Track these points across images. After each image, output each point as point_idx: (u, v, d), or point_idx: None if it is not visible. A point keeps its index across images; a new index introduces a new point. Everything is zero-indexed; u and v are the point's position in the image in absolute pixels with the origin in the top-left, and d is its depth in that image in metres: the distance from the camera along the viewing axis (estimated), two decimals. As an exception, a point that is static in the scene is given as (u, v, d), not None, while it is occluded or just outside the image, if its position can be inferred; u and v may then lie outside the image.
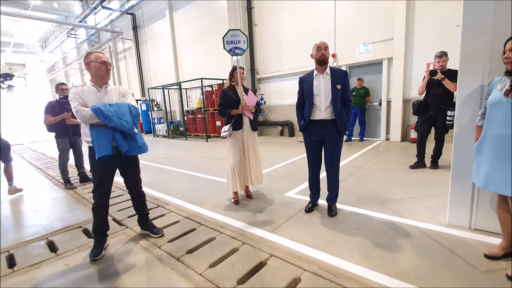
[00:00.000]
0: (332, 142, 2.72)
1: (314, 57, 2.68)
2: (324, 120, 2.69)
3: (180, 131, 11.43)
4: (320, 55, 2.62)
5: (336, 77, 2.66)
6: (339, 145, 2.77)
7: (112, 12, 14.69)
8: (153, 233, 2.54)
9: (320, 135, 2.74)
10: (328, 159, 2.78)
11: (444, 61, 4.00)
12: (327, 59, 2.65)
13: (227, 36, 3.03)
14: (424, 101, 4.19)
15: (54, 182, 4.83)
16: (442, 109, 4.00)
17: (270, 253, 2.14)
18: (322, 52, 2.62)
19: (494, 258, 1.90)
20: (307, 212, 2.90)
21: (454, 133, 2.34)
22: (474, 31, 2.14)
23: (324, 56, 2.62)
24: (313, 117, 2.73)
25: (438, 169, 4.21)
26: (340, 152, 2.80)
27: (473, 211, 2.30)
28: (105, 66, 2.20)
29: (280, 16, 8.77)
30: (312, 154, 2.87)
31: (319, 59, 2.64)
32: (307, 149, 2.89)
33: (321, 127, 2.71)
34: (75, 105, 2.06)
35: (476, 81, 2.17)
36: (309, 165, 2.93)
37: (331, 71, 2.69)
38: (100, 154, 2.02)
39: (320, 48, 2.63)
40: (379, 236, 2.33)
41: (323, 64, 2.66)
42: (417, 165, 4.34)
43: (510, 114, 1.66)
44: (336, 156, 2.77)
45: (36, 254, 2.36)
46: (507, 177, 1.68)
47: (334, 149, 2.74)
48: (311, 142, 2.82)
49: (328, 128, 2.69)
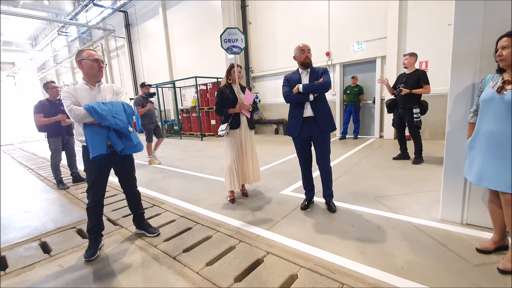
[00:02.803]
0: (320, 139, 2.76)
1: (298, 59, 2.69)
2: (309, 117, 2.70)
3: (174, 130, 11.36)
4: (304, 58, 2.64)
5: (314, 73, 2.69)
6: (327, 141, 2.79)
7: (104, 10, 14.48)
8: (149, 232, 2.52)
9: (308, 133, 2.75)
10: (318, 156, 2.82)
11: (406, 60, 4.33)
12: (310, 62, 2.68)
13: (225, 34, 3.02)
14: (393, 100, 4.54)
15: (46, 182, 4.76)
16: (409, 107, 4.30)
17: (267, 250, 2.14)
18: (306, 55, 2.64)
19: (486, 252, 1.95)
20: (302, 210, 2.92)
21: (447, 130, 2.38)
22: (466, 30, 2.17)
23: (308, 59, 2.65)
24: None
25: (421, 164, 4.36)
26: (329, 148, 2.82)
27: (465, 206, 2.35)
28: (98, 64, 2.16)
29: (274, 14, 8.76)
30: (301, 151, 2.89)
31: (304, 62, 2.65)
32: (296, 147, 2.92)
33: (307, 125, 2.73)
34: (68, 103, 2.02)
35: (467, 79, 2.21)
36: (300, 163, 2.97)
37: (311, 70, 2.71)
38: (94, 153, 1.99)
39: (304, 50, 2.64)
40: (374, 232, 2.36)
41: (307, 67, 2.70)
42: (399, 157, 4.71)
43: (502, 110, 1.69)
44: (326, 153, 2.80)
45: (29, 256, 2.32)
46: (499, 173, 1.71)
47: (322, 146, 2.77)
48: (299, 140, 2.84)
49: (314, 125, 2.71)
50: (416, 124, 4.28)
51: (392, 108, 4.62)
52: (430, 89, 4.20)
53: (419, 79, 4.20)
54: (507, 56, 1.70)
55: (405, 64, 4.37)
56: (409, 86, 4.25)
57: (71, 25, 16.41)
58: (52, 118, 3.98)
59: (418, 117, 4.25)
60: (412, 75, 4.30)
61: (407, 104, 4.32)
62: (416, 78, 4.24)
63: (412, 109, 4.27)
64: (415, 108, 4.24)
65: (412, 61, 4.31)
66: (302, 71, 2.75)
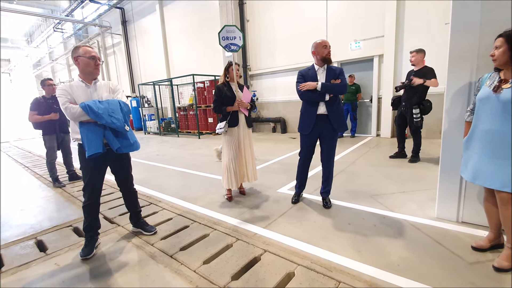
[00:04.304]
0: (329, 138, 2.81)
1: (319, 54, 2.68)
2: (323, 115, 2.73)
3: (171, 128, 11.31)
4: (327, 53, 2.66)
5: (331, 72, 2.70)
6: (335, 140, 2.85)
7: (100, 6, 14.32)
8: (145, 230, 2.51)
9: (318, 130, 2.79)
10: (324, 154, 2.87)
11: (413, 57, 4.24)
12: (331, 59, 2.71)
13: (223, 31, 3.01)
14: (399, 97, 4.53)
15: (42, 180, 4.72)
16: (410, 106, 4.27)
17: (264, 248, 2.15)
18: (329, 50, 2.66)
19: (481, 250, 1.96)
20: (293, 204, 3.02)
21: (443, 129, 2.39)
22: (463, 30, 2.18)
23: (329, 55, 2.68)
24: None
25: (418, 162, 4.39)
26: (335, 147, 2.88)
27: (461, 205, 2.37)
28: (94, 61, 2.14)
29: (272, 12, 8.72)
30: (306, 147, 2.91)
31: (326, 57, 2.66)
32: (302, 143, 2.93)
33: (319, 122, 2.76)
34: (63, 101, 2.00)
35: (464, 78, 2.22)
36: (300, 158, 2.99)
37: (328, 67, 2.73)
38: (90, 152, 1.98)
39: (326, 46, 2.67)
40: (370, 230, 2.38)
41: (328, 63, 2.71)
42: (396, 155, 4.72)
43: (498, 109, 1.70)
44: (332, 152, 2.86)
45: (25, 254, 2.31)
46: (494, 171, 1.73)
47: (330, 145, 2.82)
48: (309, 137, 2.85)
49: (327, 124, 2.74)
50: (416, 124, 4.27)
51: (396, 105, 4.60)
52: (438, 83, 4.10)
53: (426, 76, 4.11)
54: (499, 56, 1.72)
55: (412, 61, 4.29)
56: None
57: (67, 21, 16.20)
58: (44, 116, 3.94)
59: (418, 117, 4.23)
60: (420, 71, 4.20)
61: (409, 100, 4.26)
62: (423, 74, 4.14)
63: (412, 109, 4.24)
64: (415, 108, 4.21)
65: (419, 58, 4.22)
66: (319, 68, 2.74)
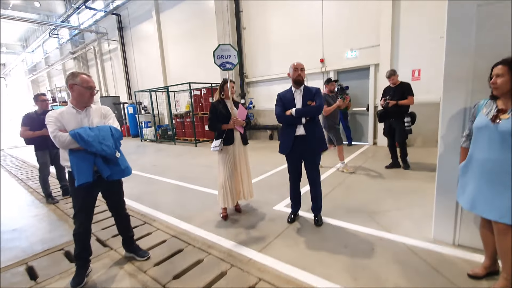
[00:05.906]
0: (310, 157, 2.86)
1: (291, 77, 2.82)
2: (301, 135, 2.79)
3: (168, 135, 11.24)
4: (296, 75, 2.77)
5: (308, 93, 2.79)
6: (317, 159, 2.91)
7: (97, 12, 14.29)
8: (138, 255, 2.46)
9: (298, 151, 2.84)
10: (309, 172, 2.92)
11: (392, 80, 4.61)
12: (302, 80, 2.80)
13: (218, 50, 3.01)
14: (385, 110, 4.73)
15: (35, 195, 4.65)
16: (398, 117, 4.55)
17: (259, 276, 2.11)
18: (298, 73, 2.77)
19: (477, 278, 1.94)
20: (289, 223, 3.00)
21: (439, 153, 2.38)
22: (458, 52, 2.17)
23: (300, 77, 2.77)
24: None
25: (410, 170, 4.65)
26: (318, 164, 2.94)
27: (457, 228, 2.35)
28: (90, 92, 2.10)
29: (269, 20, 8.73)
30: (292, 167, 2.98)
31: (296, 79, 2.78)
32: (288, 163, 3.00)
33: (299, 143, 2.81)
34: (52, 129, 1.96)
35: (459, 101, 2.20)
36: (290, 178, 3.04)
37: (304, 89, 2.82)
38: (80, 181, 1.93)
39: (297, 69, 2.77)
40: (366, 254, 2.35)
41: (299, 84, 2.81)
42: (391, 165, 4.90)
43: (496, 139, 1.68)
44: (315, 170, 2.91)
45: (16, 282, 2.26)
46: (492, 201, 1.70)
47: (312, 164, 2.89)
48: (290, 157, 2.92)
49: (306, 144, 2.80)
50: (407, 132, 4.55)
51: (383, 118, 4.81)
52: (414, 100, 4.49)
53: (404, 92, 4.48)
54: (501, 85, 1.69)
55: (393, 83, 4.65)
56: (396, 98, 4.52)
57: (63, 27, 16.13)
58: (36, 132, 3.85)
59: (409, 126, 4.52)
60: (398, 88, 4.58)
61: (399, 114, 4.56)
62: (401, 90, 4.51)
63: (403, 118, 4.53)
64: (406, 117, 4.51)
65: (396, 78, 4.64)
66: (296, 90, 2.84)
